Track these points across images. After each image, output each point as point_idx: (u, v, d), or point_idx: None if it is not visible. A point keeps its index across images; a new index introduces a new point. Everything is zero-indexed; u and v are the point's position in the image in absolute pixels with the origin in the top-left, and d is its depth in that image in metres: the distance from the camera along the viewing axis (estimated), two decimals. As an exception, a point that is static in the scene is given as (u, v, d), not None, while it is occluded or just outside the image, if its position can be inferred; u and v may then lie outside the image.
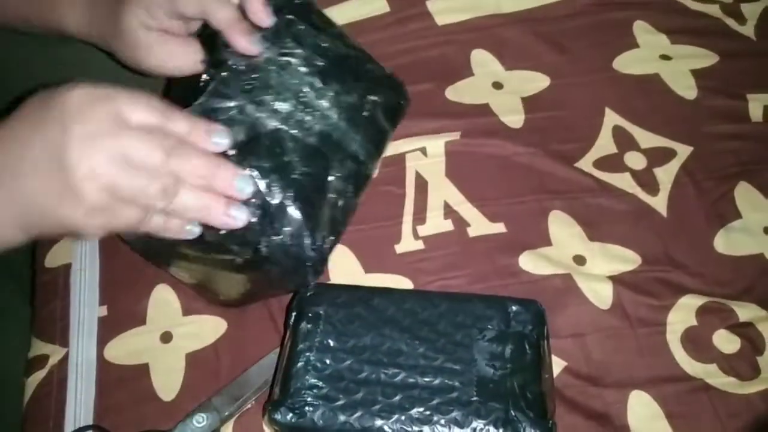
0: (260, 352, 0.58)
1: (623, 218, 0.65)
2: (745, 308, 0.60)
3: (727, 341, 0.58)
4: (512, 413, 0.49)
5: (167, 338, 0.60)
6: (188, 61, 0.55)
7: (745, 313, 0.59)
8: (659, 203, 0.66)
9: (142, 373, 0.59)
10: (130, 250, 0.63)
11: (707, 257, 0.63)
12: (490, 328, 0.53)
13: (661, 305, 0.60)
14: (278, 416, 0.50)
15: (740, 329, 0.59)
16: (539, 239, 0.64)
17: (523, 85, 0.74)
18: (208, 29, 0.54)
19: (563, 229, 0.64)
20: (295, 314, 0.55)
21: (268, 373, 0.56)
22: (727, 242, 0.63)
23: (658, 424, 0.55)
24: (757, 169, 0.67)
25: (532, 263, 0.62)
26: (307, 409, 0.50)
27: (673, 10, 0.79)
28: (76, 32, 0.58)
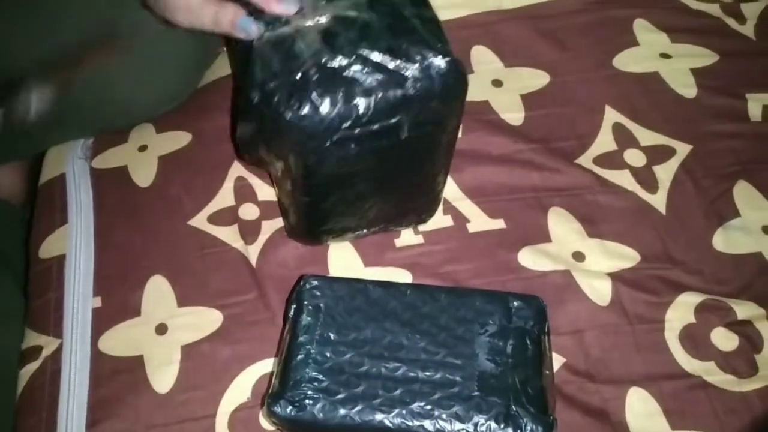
0: (257, 344, 0.58)
1: (623, 215, 0.65)
2: (743, 306, 0.60)
3: (725, 339, 0.58)
4: (513, 408, 0.49)
5: (162, 330, 0.59)
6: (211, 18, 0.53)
7: (743, 311, 0.59)
8: (658, 201, 0.66)
9: (136, 364, 0.58)
10: (123, 241, 0.62)
11: (706, 255, 0.63)
12: (491, 323, 0.53)
13: (659, 302, 0.60)
14: (278, 409, 0.50)
15: (738, 327, 0.59)
16: (539, 235, 0.64)
17: (523, 82, 0.73)
18: None
19: (563, 225, 0.64)
20: (294, 307, 0.55)
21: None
22: (725, 240, 0.64)
23: (655, 420, 0.55)
24: (756, 168, 0.67)
25: (531, 259, 0.62)
26: (306, 402, 0.50)
27: (673, 9, 0.79)
28: None
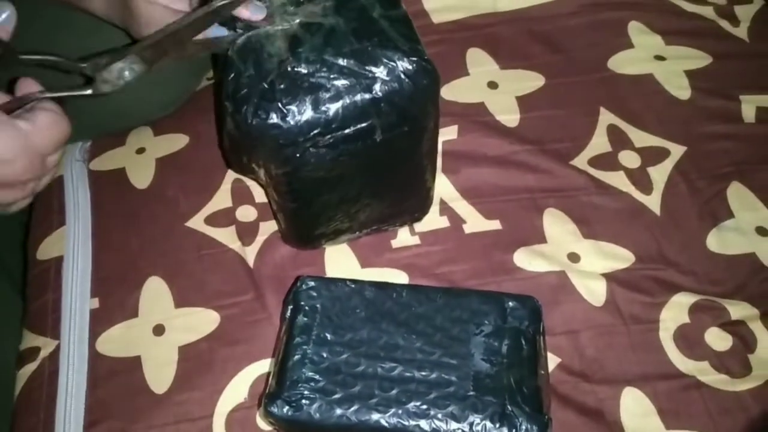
0: (254, 345, 0.58)
1: (617, 216, 0.65)
2: (737, 306, 0.60)
3: (719, 339, 0.59)
4: (509, 408, 0.49)
5: (160, 331, 0.60)
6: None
7: (737, 311, 0.60)
8: (653, 202, 0.66)
9: (134, 365, 0.58)
10: (121, 243, 0.62)
11: (700, 256, 0.63)
12: (486, 323, 0.54)
13: (654, 303, 0.60)
14: (274, 409, 0.50)
15: (732, 327, 0.59)
16: (534, 236, 0.64)
17: (518, 84, 0.74)
18: None
19: (558, 226, 0.64)
20: (291, 307, 0.55)
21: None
22: (719, 241, 0.64)
23: (650, 420, 0.55)
24: (749, 169, 0.68)
25: (526, 260, 0.62)
26: (303, 402, 0.50)
27: (667, 11, 0.79)
28: (101, 14, 0.60)
